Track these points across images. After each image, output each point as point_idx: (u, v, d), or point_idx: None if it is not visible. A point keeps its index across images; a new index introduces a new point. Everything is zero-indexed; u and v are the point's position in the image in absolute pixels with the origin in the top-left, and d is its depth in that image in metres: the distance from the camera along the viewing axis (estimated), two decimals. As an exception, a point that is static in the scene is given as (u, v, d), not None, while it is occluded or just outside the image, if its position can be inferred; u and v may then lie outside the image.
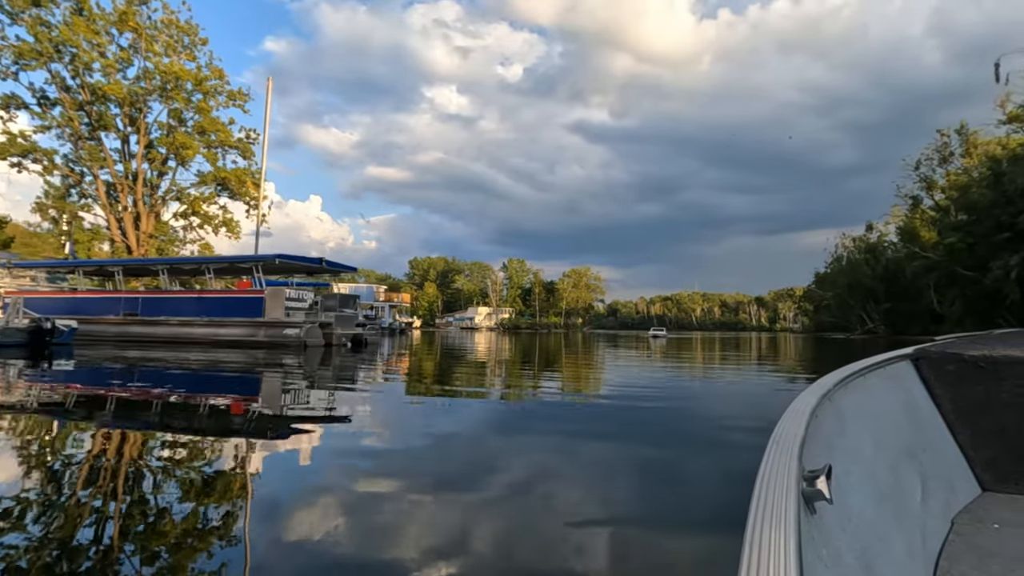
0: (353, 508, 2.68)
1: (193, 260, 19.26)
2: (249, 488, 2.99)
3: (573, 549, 2.22)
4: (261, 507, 2.70)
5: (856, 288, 56.36)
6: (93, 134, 32.94)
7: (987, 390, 2.03)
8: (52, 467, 3.37)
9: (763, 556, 0.58)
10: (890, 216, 61.85)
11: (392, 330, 46.04)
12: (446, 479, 3.24)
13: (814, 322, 74.68)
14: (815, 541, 0.81)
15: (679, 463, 3.77)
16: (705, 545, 2.37)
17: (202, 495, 2.82)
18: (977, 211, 31.34)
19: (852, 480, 1.19)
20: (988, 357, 2.05)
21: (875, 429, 1.51)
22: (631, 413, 5.90)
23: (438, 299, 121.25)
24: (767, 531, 0.63)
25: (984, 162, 33.71)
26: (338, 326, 17.41)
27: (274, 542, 2.26)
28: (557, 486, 3.15)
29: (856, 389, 1.51)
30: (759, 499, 0.71)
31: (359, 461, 3.59)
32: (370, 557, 2.13)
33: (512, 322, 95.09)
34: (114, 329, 17.92)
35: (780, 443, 0.92)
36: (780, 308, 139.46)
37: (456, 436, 4.48)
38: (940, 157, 46.43)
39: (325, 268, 18.28)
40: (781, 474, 0.79)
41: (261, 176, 27.36)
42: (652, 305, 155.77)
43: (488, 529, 2.49)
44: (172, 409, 5.52)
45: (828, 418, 1.21)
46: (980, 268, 32.17)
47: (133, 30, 31.93)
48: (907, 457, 1.63)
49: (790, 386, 8.99)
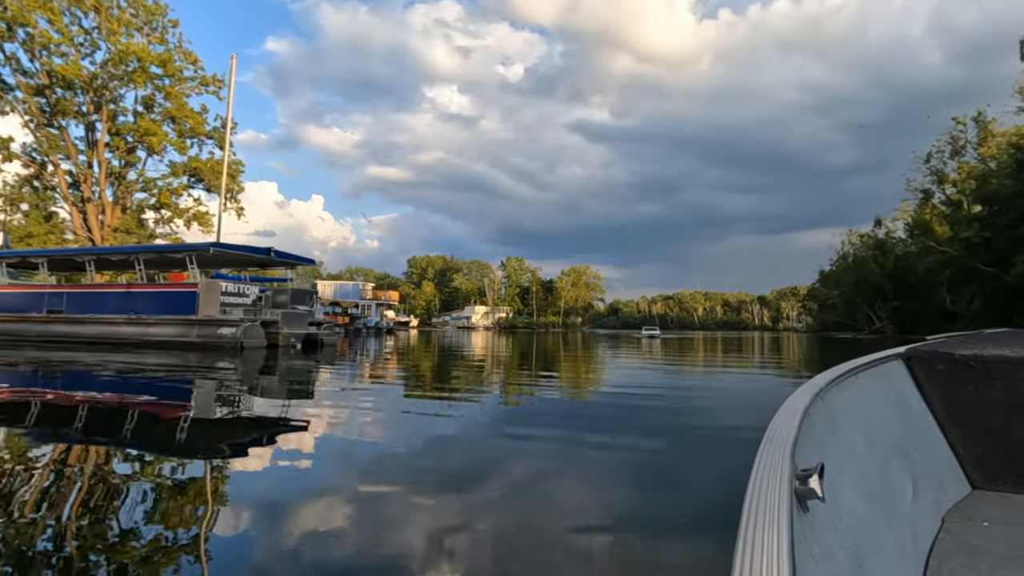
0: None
1: (121, 250, 17.20)
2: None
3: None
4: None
5: (863, 286, 54.30)
6: (53, 120, 30.98)
7: (977, 389, 2.05)
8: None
9: (756, 554, 0.59)
10: (898, 211, 59.85)
11: (379, 329, 43.88)
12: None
13: (819, 321, 72.41)
14: (807, 539, 0.81)
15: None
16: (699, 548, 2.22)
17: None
18: (999, 202, 29.11)
19: (844, 478, 1.19)
20: (978, 357, 2.07)
21: (867, 428, 1.53)
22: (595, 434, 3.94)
23: (436, 298, 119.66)
24: (760, 529, 0.64)
25: (1005, 149, 31.46)
26: (285, 325, 15.37)
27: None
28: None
29: (848, 388, 1.53)
30: (752, 497, 0.72)
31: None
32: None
33: (509, 321, 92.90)
34: (37, 328, 15.94)
35: (773, 442, 0.92)
36: (783, 307, 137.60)
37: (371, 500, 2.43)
38: (952, 149, 44.16)
39: (273, 260, 16.26)
40: (774, 473, 0.79)
41: (224, 161, 25.28)
42: (654, 304, 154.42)
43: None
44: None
45: (820, 417, 1.22)
46: (1000, 263, 29.99)
47: (94, 8, 29.94)
48: (898, 456, 1.65)
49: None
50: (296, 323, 15.91)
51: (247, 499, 2.78)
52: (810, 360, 16.61)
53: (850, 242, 64.60)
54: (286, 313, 15.55)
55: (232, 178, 37.16)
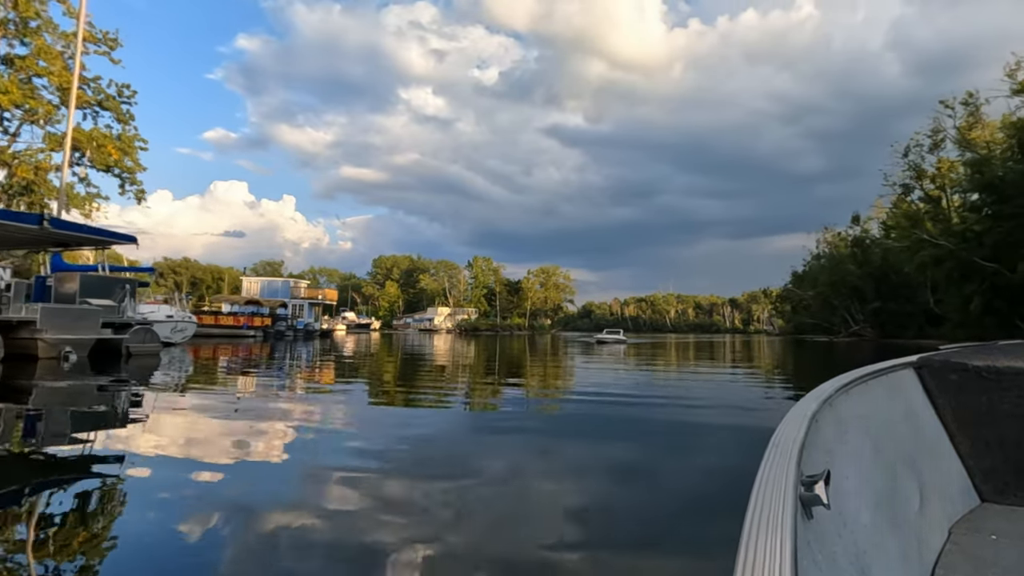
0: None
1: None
2: None
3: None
4: None
5: (841, 286, 51.24)
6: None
7: (990, 400, 2.02)
8: None
9: (758, 559, 0.58)
10: (873, 209, 57.13)
11: (308, 332, 38.37)
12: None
13: (793, 323, 69.47)
14: (811, 546, 0.80)
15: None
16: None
17: None
18: (1002, 188, 25.59)
19: (850, 486, 1.17)
20: (992, 368, 2.03)
21: (875, 436, 1.51)
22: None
23: (399, 299, 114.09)
24: (763, 535, 0.63)
25: (1006, 128, 28.06)
26: (48, 327, 10.27)
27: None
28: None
29: (857, 395, 1.51)
30: (756, 502, 0.71)
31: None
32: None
33: (472, 324, 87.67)
34: None
35: (779, 447, 0.91)
36: (754, 309, 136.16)
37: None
38: (932, 142, 41.13)
39: (48, 232, 11.10)
40: (779, 478, 0.78)
41: (71, 88, 19.83)
42: (627, 306, 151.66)
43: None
44: None
45: (828, 424, 1.20)
46: (999, 259, 26.52)
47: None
48: (906, 465, 1.63)
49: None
50: (73, 324, 10.80)
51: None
52: (801, 377, 12.36)
53: (826, 241, 61.99)
54: (52, 310, 10.44)
55: (125, 153, 31.43)
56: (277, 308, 38.74)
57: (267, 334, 33.55)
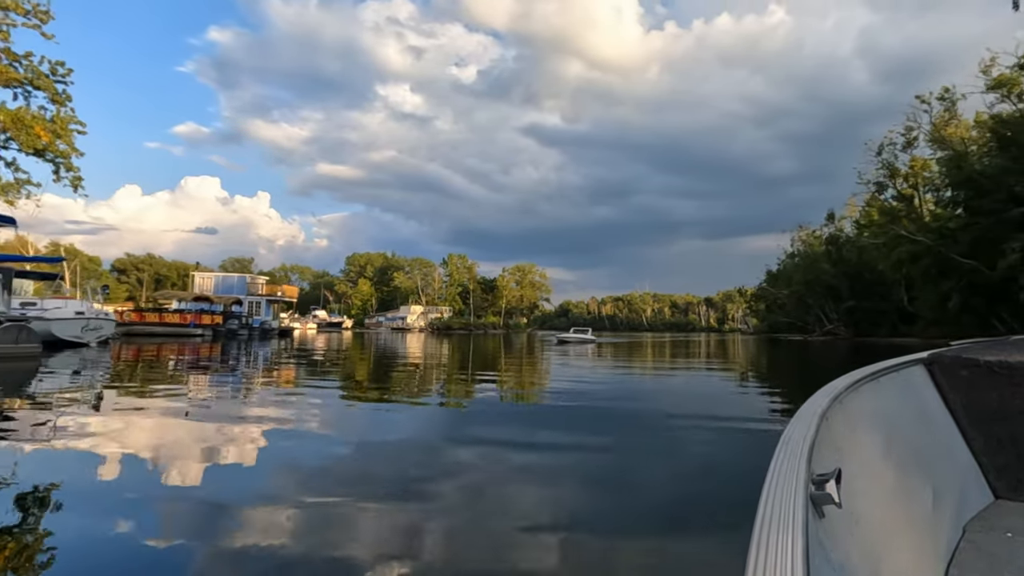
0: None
1: None
2: None
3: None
4: None
5: (815, 285, 51.02)
6: None
7: (1002, 396, 1.97)
8: None
9: (770, 558, 0.58)
10: (847, 208, 57.19)
11: (265, 331, 36.09)
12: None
13: (767, 322, 69.44)
14: (823, 545, 0.79)
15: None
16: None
17: None
18: (979, 183, 25.01)
19: (862, 484, 1.16)
20: (1004, 363, 1.97)
21: (886, 433, 1.49)
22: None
23: (372, 297, 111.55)
24: (774, 533, 0.63)
25: (984, 123, 27.58)
26: None
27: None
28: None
29: (867, 393, 1.49)
30: (767, 501, 0.71)
31: None
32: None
33: (445, 322, 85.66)
34: None
35: (789, 445, 0.90)
36: (729, 308, 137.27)
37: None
38: (905, 141, 40.93)
39: None
40: (789, 477, 0.78)
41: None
42: (603, 305, 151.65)
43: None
44: None
45: (838, 421, 1.19)
46: (976, 256, 26.00)
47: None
48: (918, 462, 1.60)
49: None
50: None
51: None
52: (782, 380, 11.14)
53: (801, 239, 61.94)
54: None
55: (58, 136, 28.85)
56: (232, 305, 36.41)
57: (217, 333, 31.30)
